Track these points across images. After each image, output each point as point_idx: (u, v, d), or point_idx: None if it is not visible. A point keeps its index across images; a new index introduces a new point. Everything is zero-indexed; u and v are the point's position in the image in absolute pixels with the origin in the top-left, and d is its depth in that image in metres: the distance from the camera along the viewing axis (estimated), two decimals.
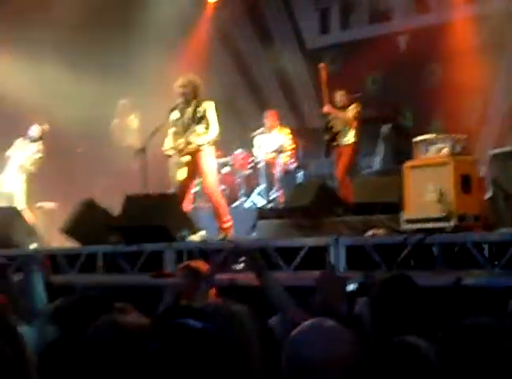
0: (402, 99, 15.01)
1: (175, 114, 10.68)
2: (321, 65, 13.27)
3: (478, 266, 7.35)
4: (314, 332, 2.96)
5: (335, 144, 12.91)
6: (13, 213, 11.86)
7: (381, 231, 9.25)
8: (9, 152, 13.70)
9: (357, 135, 12.78)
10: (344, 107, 12.88)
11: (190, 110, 10.57)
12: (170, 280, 7.06)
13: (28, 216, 12.54)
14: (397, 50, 15.63)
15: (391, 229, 9.41)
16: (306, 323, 3.02)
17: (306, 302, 6.05)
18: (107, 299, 4.26)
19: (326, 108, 12.95)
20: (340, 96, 13.00)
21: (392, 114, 14.37)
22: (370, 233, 9.17)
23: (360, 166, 13.72)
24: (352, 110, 12.77)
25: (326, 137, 12.99)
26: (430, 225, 8.74)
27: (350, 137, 12.79)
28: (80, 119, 14.62)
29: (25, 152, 13.67)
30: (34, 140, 13.75)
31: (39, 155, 13.66)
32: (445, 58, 14.64)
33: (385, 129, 13.42)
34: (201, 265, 6.02)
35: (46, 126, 13.86)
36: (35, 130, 13.78)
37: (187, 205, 10.78)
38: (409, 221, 9.15)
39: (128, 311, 3.92)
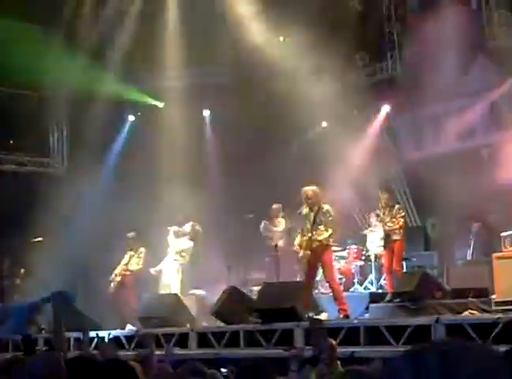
0: (488, 202, 14.62)
1: (305, 211, 10.72)
2: None
3: None
4: None
5: None
6: (175, 299, 12.07)
7: (475, 312, 9.03)
8: (169, 240, 13.98)
9: None
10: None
11: (313, 213, 10.65)
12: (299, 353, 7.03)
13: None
14: (481, 160, 15.33)
15: (483, 310, 9.14)
16: None
17: None
18: None
19: None
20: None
21: (481, 214, 14.05)
22: (465, 313, 8.95)
23: (456, 257, 13.45)
24: None
25: None
26: None
27: None
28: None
29: (180, 244, 13.94)
30: (185, 234, 14.00)
31: (191, 246, 13.90)
32: None
33: (475, 226, 13.17)
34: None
35: (198, 227, 14.11)
36: (188, 227, 14.05)
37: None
38: (499, 303, 8.98)
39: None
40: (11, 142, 17.51)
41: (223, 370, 6.57)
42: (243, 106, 16.01)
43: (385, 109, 16.21)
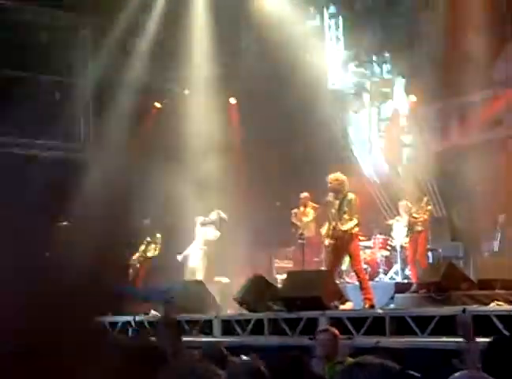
0: None
1: (331, 198, 10.65)
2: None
3: None
4: None
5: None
6: (200, 286, 12.09)
7: (502, 303, 8.93)
8: (196, 230, 14.01)
9: None
10: None
11: (338, 202, 10.60)
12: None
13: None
14: (505, 151, 15.16)
15: (510, 301, 9.05)
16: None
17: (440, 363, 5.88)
18: None
19: None
20: None
21: (508, 205, 13.87)
22: (492, 305, 8.87)
23: (482, 248, 13.37)
24: None
25: None
26: None
27: None
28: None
29: (206, 233, 13.96)
30: (212, 223, 14.02)
31: (217, 236, 13.92)
32: None
33: (502, 217, 13.05)
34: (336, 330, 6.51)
35: (223, 214, 14.13)
36: (214, 215, 14.06)
37: None
38: None
39: None
40: (38, 128, 17.59)
41: (244, 357, 6.53)
42: (269, 94, 15.97)
43: (412, 98, 16.08)
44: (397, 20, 15.99)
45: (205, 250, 13.82)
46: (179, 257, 13.90)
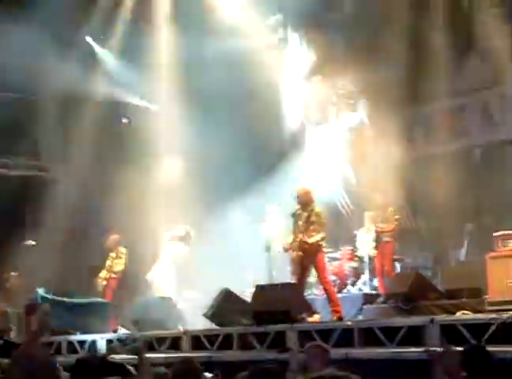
0: (481, 202, 14.62)
1: (297, 211, 10.69)
2: None
3: None
4: None
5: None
6: (168, 302, 12.07)
7: (468, 313, 9.03)
8: (166, 245, 13.99)
9: None
10: None
11: (306, 214, 10.65)
12: (296, 355, 6.95)
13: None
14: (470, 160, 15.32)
15: (477, 310, 9.14)
16: None
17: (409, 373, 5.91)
18: None
19: None
20: None
21: (474, 215, 14.06)
22: (459, 314, 8.96)
23: (449, 257, 13.48)
24: None
25: None
26: (510, 307, 8.45)
27: None
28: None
29: (175, 248, 13.94)
30: (180, 239, 14.01)
31: (187, 250, 13.92)
32: None
33: (469, 226, 13.18)
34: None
35: (189, 228, 14.13)
36: (182, 230, 14.05)
37: None
38: (492, 303, 8.97)
39: None
40: (2, 145, 17.45)
41: (207, 375, 6.50)
42: (233, 106, 16.01)
43: (377, 109, 16.18)
44: (361, 33, 16.12)
45: (174, 266, 13.79)
46: (148, 276, 13.86)
